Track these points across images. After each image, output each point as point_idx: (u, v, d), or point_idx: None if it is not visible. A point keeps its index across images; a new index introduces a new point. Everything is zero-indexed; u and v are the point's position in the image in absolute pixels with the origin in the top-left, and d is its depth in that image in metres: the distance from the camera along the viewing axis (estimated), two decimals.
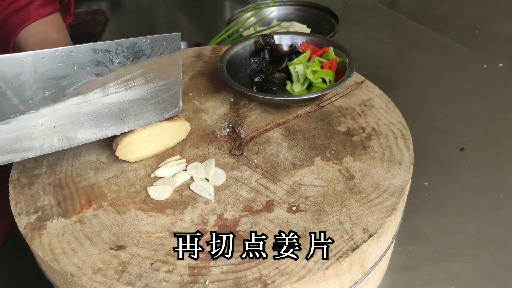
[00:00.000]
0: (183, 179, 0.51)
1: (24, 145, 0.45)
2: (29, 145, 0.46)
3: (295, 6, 1.12)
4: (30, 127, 0.45)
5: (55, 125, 0.46)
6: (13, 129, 0.44)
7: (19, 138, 0.45)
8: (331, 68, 0.64)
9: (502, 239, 0.64)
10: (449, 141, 0.82)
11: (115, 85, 0.48)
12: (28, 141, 0.45)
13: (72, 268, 0.42)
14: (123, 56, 0.47)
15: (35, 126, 0.45)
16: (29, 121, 0.44)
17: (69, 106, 0.46)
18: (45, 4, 0.59)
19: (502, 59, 1.07)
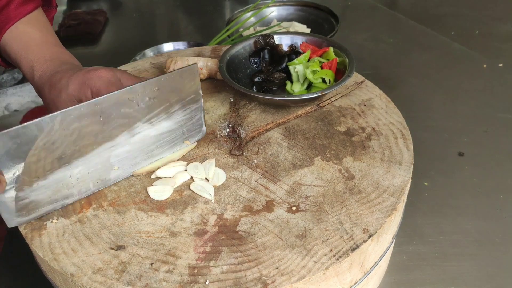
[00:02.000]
0: (183, 179, 0.51)
1: (63, 194, 0.48)
2: (67, 194, 0.48)
3: (295, 6, 1.12)
4: (67, 178, 0.47)
5: (89, 172, 0.49)
6: (51, 183, 0.46)
7: (57, 189, 0.47)
8: (331, 68, 0.64)
9: (502, 239, 0.64)
10: (449, 141, 0.82)
11: (141, 124, 0.50)
12: (66, 190, 0.48)
13: (72, 268, 0.42)
14: (146, 98, 0.49)
15: (71, 176, 0.48)
16: (65, 173, 0.47)
17: (99, 153, 0.49)
18: (25, 2, 0.57)
19: (502, 59, 1.07)
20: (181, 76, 0.51)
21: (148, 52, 1.05)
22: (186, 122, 0.54)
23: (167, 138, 0.53)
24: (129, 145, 0.50)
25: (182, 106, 0.53)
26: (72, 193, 0.48)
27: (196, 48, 0.79)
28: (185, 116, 0.54)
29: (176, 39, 1.13)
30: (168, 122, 0.53)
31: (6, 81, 1.05)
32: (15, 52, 0.56)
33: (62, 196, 0.48)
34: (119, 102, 0.47)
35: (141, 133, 0.51)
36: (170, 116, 0.52)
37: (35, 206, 0.46)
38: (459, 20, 1.28)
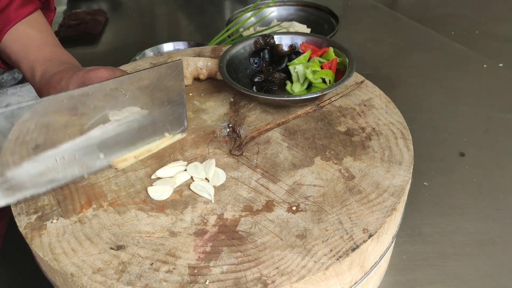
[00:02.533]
0: (183, 179, 0.51)
1: (48, 177, 0.48)
2: (53, 177, 0.49)
3: (295, 6, 1.12)
4: (53, 161, 0.48)
5: (75, 157, 0.50)
6: (37, 165, 0.47)
7: (43, 172, 0.48)
8: (331, 68, 0.64)
9: (502, 239, 0.64)
10: (449, 141, 0.82)
11: (126, 115, 0.52)
12: (51, 174, 0.48)
13: (72, 268, 0.42)
14: (132, 89, 0.51)
15: (57, 159, 0.48)
16: (52, 156, 0.48)
17: (87, 139, 0.50)
18: (25, 3, 0.58)
19: (502, 59, 1.07)
20: (167, 70, 0.52)
21: (148, 52, 1.04)
22: (169, 116, 0.56)
23: (151, 131, 0.55)
24: (114, 134, 0.52)
25: (166, 100, 0.54)
26: (57, 177, 0.49)
27: (196, 48, 0.79)
28: (168, 110, 0.55)
29: (176, 39, 1.13)
30: (152, 114, 0.54)
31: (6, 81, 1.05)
32: (15, 54, 0.56)
33: (47, 180, 0.48)
34: (108, 90, 0.49)
35: (126, 123, 0.52)
36: (155, 109, 0.54)
37: (22, 186, 0.47)
38: (459, 20, 1.28)
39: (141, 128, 0.54)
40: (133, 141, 0.54)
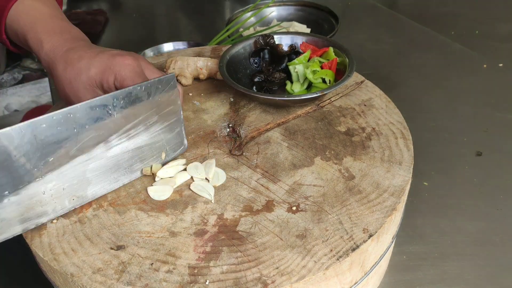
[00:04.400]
0: (183, 179, 0.51)
1: (37, 212, 0.45)
2: (41, 211, 0.45)
3: (295, 6, 1.12)
4: (40, 194, 0.44)
5: (64, 187, 0.46)
6: (23, 199, 0.43)
7: (30, 206, 0.44)
8: (331, 68, 0.64)
9: (502, 239, 0.64)
10: (449, 141, 0.82)
11: (117, 137, 0.48)
12: (39, 208, 0.45)
13: (72, 268, 0.42)
14: (120, 107, 0.46)
15: (44, 192, 0.45)
16: (38, 188, 0.44)
17: (74, 166, 0.46)
18: None
19: (502, 59, 1.07)
20: (158, 85, 0.48)
21: (148, 52, 1.04)
22: (166, 135, 0.52)
23: (146, 152, 0.51)
24: (105, 159, 0.48)
25: (161, 118, 0.50)
26: (46, 211, 0.45)
27: (196, 48, 0.79)
28: (164, 129, 0.51)
29: (176, 39, 1.12)
30: (146, 134, 0.50)
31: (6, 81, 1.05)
32: (22, 27, 0.55)
33: (35, 215, 0.45)
34: (93, 112, 0.45)
35: (118, 146, 0.48)
36: (148, 128, 0.50)
37: (6, 224, 0.43)
38: (459, 20, 1.28)
39: (136, 152, 0.50)
40: (130, 167, 0.50)
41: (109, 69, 0.48)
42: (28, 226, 0.45)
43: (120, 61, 0.49)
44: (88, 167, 0.47)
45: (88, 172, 0.47)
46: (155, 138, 0.51)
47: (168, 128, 0.52)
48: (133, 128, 0.48)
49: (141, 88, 0.47)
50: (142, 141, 0.50)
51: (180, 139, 0.54)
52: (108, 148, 0.47)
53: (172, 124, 0.52)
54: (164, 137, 0.52)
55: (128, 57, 0.50)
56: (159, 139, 0.52)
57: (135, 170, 0.51)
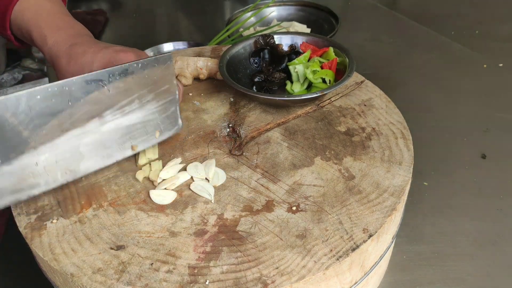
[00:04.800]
0: (183, 179, 0.51)
1: (29, 183, 0.45)
2: (33, 183, 0.45)
3: (295, 6, 1.12)
4: (33, 165, 0.44)
5: (57, 160, 0.46)
6: (15, 169, 0.43)
7: (22, 177, 0.44)
8: (331, 68, 0.64)
9: (502, 239, 0.64)
10: (449, 141, 0.82)
11: (111, 112, 0.48)
12: (32, 179, 0.45)
13: (72, 268, 0.42)
14: (116, 83, 0.47)
15: (37, 163, 0.44)
16: (31, 159, 0.44)
17: (68, 140, 0.46)
18: None
19: (502, 59, 1.07)
20: (155, 64, 0.49)
21: (148, 52, 1.04)
22: (160, 114, 0.52)
23: (140, 130, 0.51)
24: (99, 133, 0.48)
25: (156, 96, 0.51)
26: (38, 183, 0.45)
27: (196, 48, 0.79)
28: (159, 108, 0.52)
29: (176, 39, 1.12)
30: (141, 112, 0.50)
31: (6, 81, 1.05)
32: (26, 22, 0.56)
33: (27, 186, 0.45)
34: (89, 86, 0.45)
35: (112, 121, 0.48)
36: (143, 106, 0.50)
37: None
38: (459, 20, 1.28)
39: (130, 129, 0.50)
40: (123, 144, 0.50)
41: (112, 64, 0.49)
42: (20, 196, 0.45)
43: (123, 57, 0.49)
44: (81, 141, 0.47)
45: (81, 146, 0.47)
46: (150, 116, 0.51)
47: (163, 107, 0.52)
48: (127, 104, 0.48)
49: (137, 65, 0.47)
50: (136, 118, 0.50)
51: (174, 119, 0.54)
52: (102, 123, 0.47)
53: (167, 103, 0.52)
54: (158, 115, 0.52)
55: (131, 53, 0.50)
56: (154, 117, 0.52)
57: (128, 147, 0.51)
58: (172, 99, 0.53)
